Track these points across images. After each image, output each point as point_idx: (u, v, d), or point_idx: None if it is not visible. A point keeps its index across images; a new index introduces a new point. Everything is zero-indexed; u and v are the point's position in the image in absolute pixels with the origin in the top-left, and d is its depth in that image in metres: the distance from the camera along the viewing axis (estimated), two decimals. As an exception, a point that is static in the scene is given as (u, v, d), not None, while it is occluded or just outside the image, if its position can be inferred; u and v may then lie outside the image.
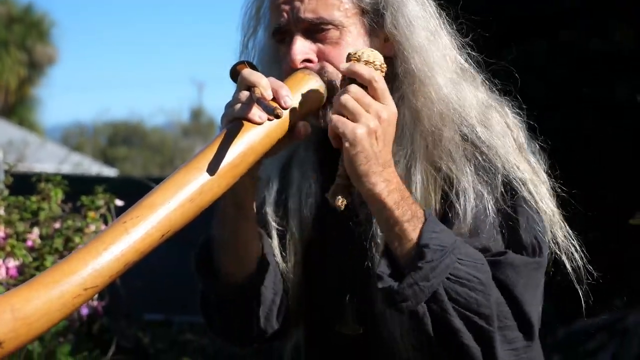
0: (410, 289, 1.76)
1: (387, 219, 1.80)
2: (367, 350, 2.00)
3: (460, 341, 1.79)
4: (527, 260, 1.85)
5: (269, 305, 2.05)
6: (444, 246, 1.78)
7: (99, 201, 3.57)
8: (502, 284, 1.83)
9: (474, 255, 1.81)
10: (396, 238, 1.80)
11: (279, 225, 2.08)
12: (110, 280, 1.69)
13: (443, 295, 1.77)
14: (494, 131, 1.93)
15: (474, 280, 1.78)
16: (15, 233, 3.31)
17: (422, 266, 1.76)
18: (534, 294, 1.86)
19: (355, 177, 1.79)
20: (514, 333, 1.83)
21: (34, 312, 1.60)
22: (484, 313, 1.79)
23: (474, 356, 1.81)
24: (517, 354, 1.84)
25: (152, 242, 1.72)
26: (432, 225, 1.80)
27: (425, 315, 1.78)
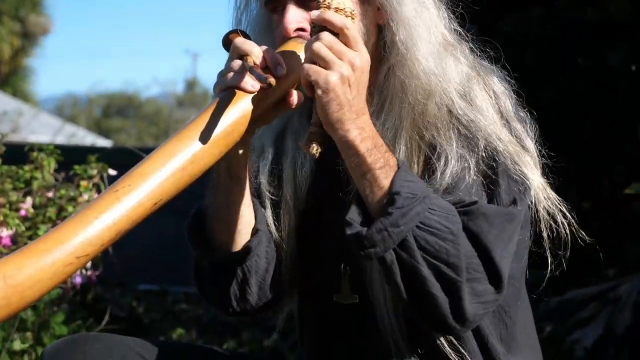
0: (379, 234, 1.76)
1: (359, 166, 1.80)
2: (362, 318, 2.01)
3: (428, 290, 1.78)
4: (500, 211, 1.84)
5: (263, 275, 2.05)
6: (415, 194, 1.77)
7: (92, 170, 3.56)
8: (474, 234, 1.82)
9: (445, 206, 1.81)
10: (367, 185, 1.79)
11: (273, 194, 2.08)
12: (101, 248, 1.69)
13: (412, 243, 1.77)
14: (475, 104, 1.92)
15: (444, 230, 1.78)
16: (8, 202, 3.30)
17: (392, 212, 1.75)
18: (505, 246, 1.85)
19: (328, 125, 1.79)
20: (482, 286, 1.82)
21: (26, 280, 1.60)
22: (453, 263, 1.78)
23: (441, 307, 1.80)
24: (485, 307, 1.83)
25: (144, 211, 1.72)
26: (404, 174, 1.80)
27: (394, 263, 1.78)
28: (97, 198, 1.70)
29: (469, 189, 1.86)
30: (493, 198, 1.87)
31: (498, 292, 1.84)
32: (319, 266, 2.06)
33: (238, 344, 5.27)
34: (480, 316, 1.83)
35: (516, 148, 1.90)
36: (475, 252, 1.82)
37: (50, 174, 3.55)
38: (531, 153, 1.93)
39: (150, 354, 2.03)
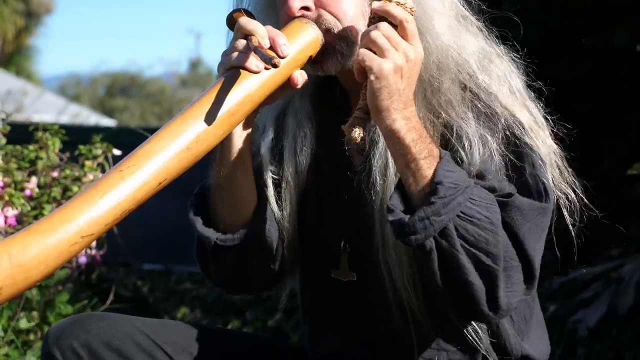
0: (421, 222, 1.78)
1: (404, 156, 1.81)
2: (361, 296, 2.01)
3: (465, 278, 1.81)
4: (533, 205, 1.86)
5: (265, 253, 2.06)
6: (458, 184, 1.79)
7: (97, 150, 3.57)
8: (508, 226, 1.84)
9: (485, 196, 1.83)
10: (411, 174, 1.81)
11: (275, 173, 2.08)
12: (106, 228, 1.70)
13: (452, 232, 1.79)
14: (494, 78, 1.93)
15: (484, 220, 1.80)
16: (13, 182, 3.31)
17: (434, 201, 1.77)
18: (537, 238, 1.87)
19: (376, 111, 1.81)
20: (517, 275, 1.84)
21: (31, 260, 1.60)
22: (491, 252, 1.80)
23: (477, 295, 1.82)
24: (517, 296, 1.86)
25: (149, 190, 1.72)
26: (447, 164, 1.81)
27: (433, 250, 1.80)
28: (102, 177, 1.71)
29: (498, 174, 1.87)
30: (520, 183, 1.88)
31: (529, 284, 1.87)
32: (319, 244, 2.07)
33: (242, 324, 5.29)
34: (513, 305, 1.86)
35: (532, 124, 1.92)
36: (510, 242, 1.84)
37: (55, 154, 3.56)
38: (545, 130, 1.94)
39: (155, 332, 2.04)
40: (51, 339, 1.99)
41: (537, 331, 2.06)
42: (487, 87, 1.92)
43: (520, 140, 1.89)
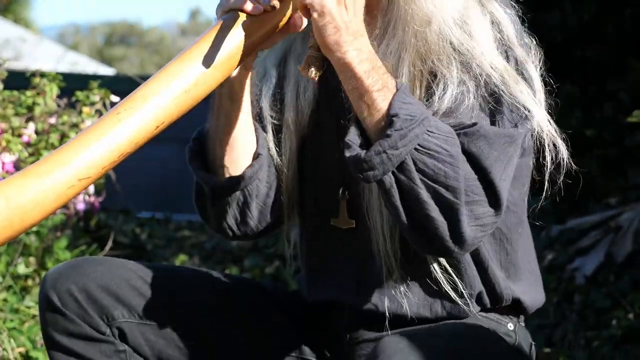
0: (378, 156, 1.75)
1: (357, 88, 1.78)
2: (358, 243, 2.01)
3: (427, 213, 1.78)
4: (500, 132, 1.83)
5: (263, 199, 2.06)
6: (414, 116, 1.76)
7: (94, 97, 3.55)
8: (473, 156, 1.81)
9: (444, 128, 1.79)
10: (365, 107, 1.78)
11: (275, 119, 2.07)
12: (104, 171, 1.69)
13: (411, 166, 1.76)
14: (472, 33, 1.89)
15: (442, 152, 1.77)
16: (10, 128, 3.30)
17: (390, 134, 1.74)
18: (505, 168, 1.84)
19: (325, 48, 1.78)
20: (482, 208, 1.81)
21: (28, 202, 1.60)
22: (451, 185, 1.77)
23: (439, 229, 1.79)
24: (484, 229, 1.83)
25: (147, 134, 1.72)
26: (403, 96, 1.78)
27: (393, 186, 1.77)
28: (99, 120, 1.70)
29: (469, 112, 1.85)
30: (495, 123, 1.86)
31: (497, 214, 1.83)
32: (319, 191, 2.07)
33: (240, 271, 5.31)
34: (478, 239, 1.83)
35: (515, 77, 1.88)
36: (475, 174, 1.81)
37: (53, 100, 3.54)
38: (532, 82, 1.90)
39: (153, 277, 2.04)
40: (49, 283, 2.00)
41: (530, 279, 2.05)
42: (464, 41, 1.88)
43: (498, 92, 1.86)
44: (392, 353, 1.69)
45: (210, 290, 2.08)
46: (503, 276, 2.00)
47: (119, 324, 2.00)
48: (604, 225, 4.38)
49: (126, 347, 2.01)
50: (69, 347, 1.98)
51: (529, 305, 2.04)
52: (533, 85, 1.89)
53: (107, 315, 1.99)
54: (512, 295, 2.00)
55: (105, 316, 1.99)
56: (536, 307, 2.06)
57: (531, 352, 2.04)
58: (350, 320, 2.05)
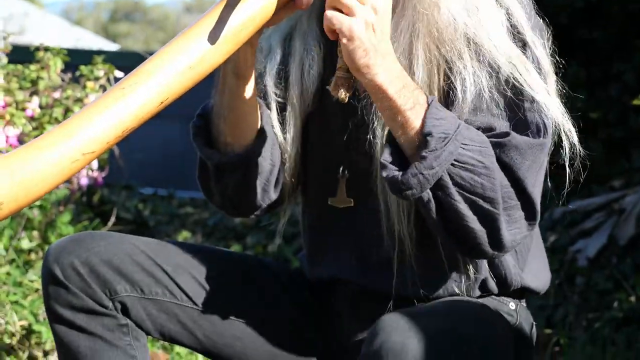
0: (414, 178, 1.77)
1: (390, 108, 1.80)
2: (357, 222, 2.01)
3: (465, 224, 1.81)
4: (531, 142, 1.85)
5: (266, 176, 2.06)
6: (448, 133, 1.78)
7: (99, 72, 3.55)
8: (506, 166, 1.83)
9: (478, 139, 1.81)
10: (400, 127, 1.80)
11: (279, 96, 2.07)
12: (108, 146, 1.69)
13: (448, 182, 1.78)
14: (481, 16, 1.88)
15: (478, 165, 1.79)
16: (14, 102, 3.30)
17: (425, 155, 1.76)
18: (537, 175, 1.86)
19: (355, 71, 1.79)
20: (518, 212, 1.84)
21: (32, 176, 1.60)
22: (489, 196, 1.80)
23: (479, 238, 1.83)
24: (521, 232, 1.86)
25: (151, 109, 1.71)
26: (434, 111, 1.79)
27: (430, 201, 1.80)
28: (103, 95, 1.69)
29: (494, 110, 1.85)
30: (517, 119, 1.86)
31: (532, 220, 1.87)
32: (320, 169, 2.07)
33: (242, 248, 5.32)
34: (517, 242, 1.87)
35: (525, 63, 1.87)
36: (509, 182, 1.84)
37: (57, 75, 3.54)
38: (542, 67, 1.89)
39: (155, 252, 2.04)
40: (52, 257, 2.00)
41: (538, 261, 2.06)
42: (473, 25, 1.87)
43: (517, 78, 1.86)
44: (391, 331, 1.70)
45: (212, 266, 2.08)
46: (514, 263, 2.01)
47: (122, 298, 2.00)
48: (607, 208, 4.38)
49: (128, 321, 2.01)
50: (72, 321, 1.99)
51: (539, 290, 2.06)
52: (543, 71, 1.89)
53: (110, 290, 1.99)
54: (522, 283, 2.02)
55: (108, 290, 1.99)
56: (545, 289, 2.08)
57: (532, 332, 2.05)
58: (351, 298, 2.05)
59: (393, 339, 1.68)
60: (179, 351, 3.56)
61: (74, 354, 2.00)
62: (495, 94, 1.86)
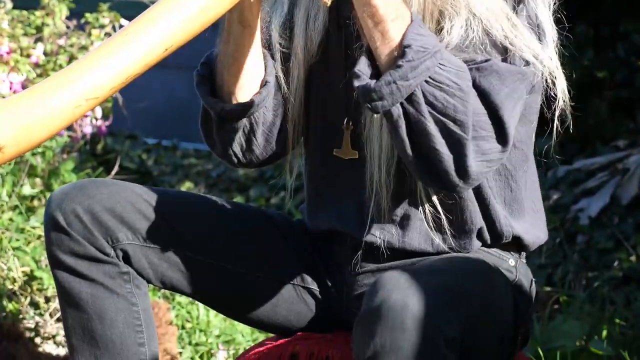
0: (387, 87, 1.74)
1: (372, 16, 1.76)
2: (360, 174, 2.01)
3: (433, 146, 1.77)
4: (512, 69, 1.82)
5: (269, 127, 2.05)
6: (427, 48, 1.74)
7: (104, 19, 3.53)
8: (484, 91, 1.80)
9: (456, 62, 1.78)
10: (379, 37, 1.76)
11: (284, 47, 2.06)
12: (111, 92, 1.69)
13: (420, 98, 1.75)
14: None
15: (453, 86, 1.76)
16: (19, 48, 3.28)
17: (402, 65, 1.73)
18: (514, 105, 1.83)
19: None
20: (489, 144, 1.81)
21: (35, 120, 1.60)
22: (459, 120, 1.76)
23: (445, 163, 1.79)
24: (490, 164, 1.83)
25: (155, 56, 1.71)
26: (417, 27, 1.76)
27: (400, 117, 1.76)
28: (107, 41, 1.69)
29: (480, 47, 1.83)
30: (507, 60, 1.84)
31: (503, 151, 1.83)
32: (324, 121, 2.06)
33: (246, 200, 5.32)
34: (483, 174, 1.83)
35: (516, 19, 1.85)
36: (485, 109, 1.80)
37: (62, 21, 3.52)
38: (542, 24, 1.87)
39: (158, 201, 2.04)
40: (54, 203, 2.00)
41: (533, 217, 2.05)
42: None
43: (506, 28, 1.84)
44: (392, 288, 1.70)
45: (214, 216, 2.08)
46: (505, 213, 2.00)
47: (123, 246, 2.01)
48: (611, 167, 4.37)
49: (129, 269, 2.02)
50: (73, 267, 2.00)
51: (530, 243, 2.04)
52: (541, 27, 1.87)
53: (112, 237, 2.00)
54: (513, 233, 2.01)
55: (110, 238, 2.00)
56: (537, 244, 2.07)
57: (531, 288, 2.05)
58: (352, 250, 2.06)
59: (394, 297, 1.68)
60: (179, 300, 3.57)
61: (75, 300, 2.01)
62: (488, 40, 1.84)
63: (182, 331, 3.44)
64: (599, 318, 3.46)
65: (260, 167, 2.15)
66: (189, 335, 3.45)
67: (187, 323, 3.49)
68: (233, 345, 3.45)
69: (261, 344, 2.12)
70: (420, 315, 1.67)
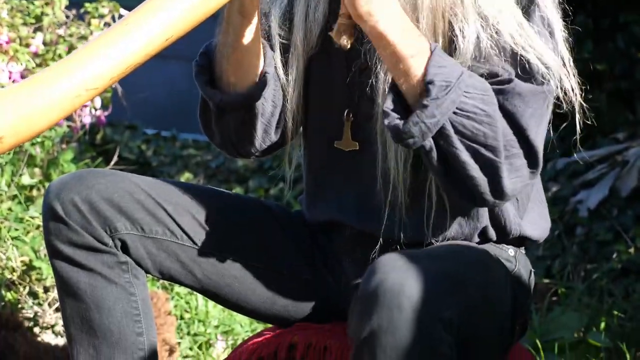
0: (416, 127, 1.76)
1: (392, 56, 1.79)
2: (360, 165, 2.01)
3: (467, 173, 1.81)
4: (534, 89, 1.83)
5: (268, 118, 2.06)
6: (450, 81, 1.76)
7: (103, 9, 3.52)
8: (509, 114, 1.82)
9: (480, 86, 1.80)
10: (402, 75, 1.79)
11: (283, 38, 2.06)
12: (111, 82, 1.69)
13: (449, 130, 1.77)
14: None
15: (480, 113, 1.78)
16: (18, 37, 3.27)
17: (427, 104, 1.75)
18: (539, 122, 1.85)
19: (357, 18, 1.78)
20: (520, 160, 1.84)
21: (34, 110, 1.60)
22: (490, 145, 1.79)
23: (480, 187, 1.83)
24: (523, 180, 1.86)
25: (155, 46, 1.71)
26: (437, 59, 1.78)
27: (432, 150, 1.80)
28: (107, 30, 1.69)
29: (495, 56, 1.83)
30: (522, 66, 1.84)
31: (535, 169, 1.86)
32: (323, 112, 2.06)
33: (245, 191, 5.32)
34: (518, 190, 1.86)
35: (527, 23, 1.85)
36: (511, 130, 1.83)
37: (61, 11, 3.51)
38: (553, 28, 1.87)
39: (157, 191, 2.04)
40: (52, 193, 2.00)
41: (538, 210, 2.06)
42: None
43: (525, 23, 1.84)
44: (390, 270, 1.70)
45: (213, 207, 2.08)
46: (514, 212, 2.01)
47: (122, 235, 2.01)
48: (610, 159, 4.37)
49: (128, 258, 2.02)
50: (72, 257, 2.00)
51: (538, 238, 2.06)
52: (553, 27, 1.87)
53: (110, 227, 2.00)
54: (520, 232, 2.02)
55: (108, 228, 2.00)
56: (544, 237, 2.08)
57: (530, 279, 2.06)
58: (350, 242, 2.06)
59: (391, 278, 1.68)
60: (178, 291, 3.58)
61: (73, 289, 2.01)
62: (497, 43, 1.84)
63: (180, 321, 3.45)
64: (597, 310, 3.47)
65: (259, 157, 2.15)
66: (188, 326, 3.45)
67: (186, 313, 3.50)
68: (231, 336, 3.46)
69: (259, 334, 2.13)
70: (417, 297, 1.67)
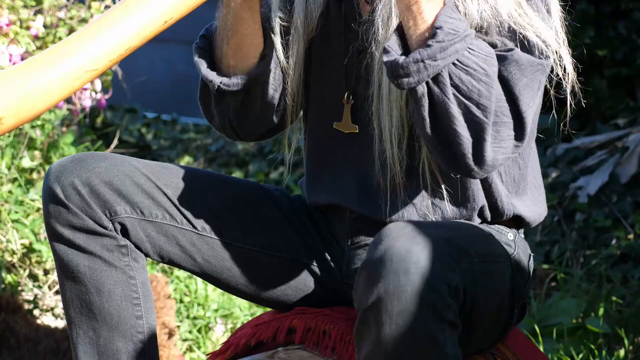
0: (415, 64, 1.74)
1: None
2: (360, 148, 2.01)
3: (454, 128, 1.78)
4: (532, 60, 1.83)
5: (268, 101, 2.06)
6: (457, 31, 1.75)
7: (104, -8, 3.52)
8: (504, 80, 1.81)
9: (485, 48, 1.79)
10: (412, 17, 1.77)
11: (284, 20, 2.05)
12: (111, 64, 1.69)
13: (446, 79, 1.76)
14: None
15: (480, 71, 1.77)
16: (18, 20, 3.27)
17: (431, 45, 1.74)
18: (533, 95, 1.84)
19: None
20: (507, 131, 1.82)
21: (34, 91, 1.60)
22: (482, 104, 1.77)
23: (463, 146, 1.80)
24: (505, 152, 1.83)
25: (155, 28, 1.71)
26: (449, 11, 1.77)
27: (424, 96, 1.77)
28: (107, 12, 1.69)
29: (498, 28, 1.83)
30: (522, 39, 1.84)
31: (520, 141, 1.84)
32: (323, 95, 2.06)
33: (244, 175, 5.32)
34: (499, 161, 1.84)
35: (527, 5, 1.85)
36: (505, 97, 1.81)
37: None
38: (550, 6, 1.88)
39: (156, 174, 2.04)
40: (52, 176, 2.00)
41: (533, 193, 2.06)
42: None
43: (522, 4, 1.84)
44: (397, 237, 1.69)
45: (213, 190, 2.08)
46: (506, 192, 2.00)
47: (121, 219, 2.01)
48: (610, 146, 4.37)
49: (127, 242, 2.02)
50: (71, 240, 2.00)
51: (532, 221, 2.05)
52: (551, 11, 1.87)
53: (110, 210, 2.00)
54: (514, 212, 2.01)
55: (108, 211, 2.00)
56: (538, 222, 2.07)
57: (529, 263, 2.06)
58: (351, 225, 2.06)
59: (399, 244, 1.67)
60: (178, 274, 3.58)
61: (73, 272, 2.01)
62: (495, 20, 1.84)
63: (180, 305, 3.46)
64: (595, 296, 3.47)
65: (258, 140, 2.15)
66: (187, 309, 3.46)
67: (186, 297, 3.51)
68: (231, 319, 3.47)
69: (259, 318, 2.13)
70: (424, 262, 1.66)
